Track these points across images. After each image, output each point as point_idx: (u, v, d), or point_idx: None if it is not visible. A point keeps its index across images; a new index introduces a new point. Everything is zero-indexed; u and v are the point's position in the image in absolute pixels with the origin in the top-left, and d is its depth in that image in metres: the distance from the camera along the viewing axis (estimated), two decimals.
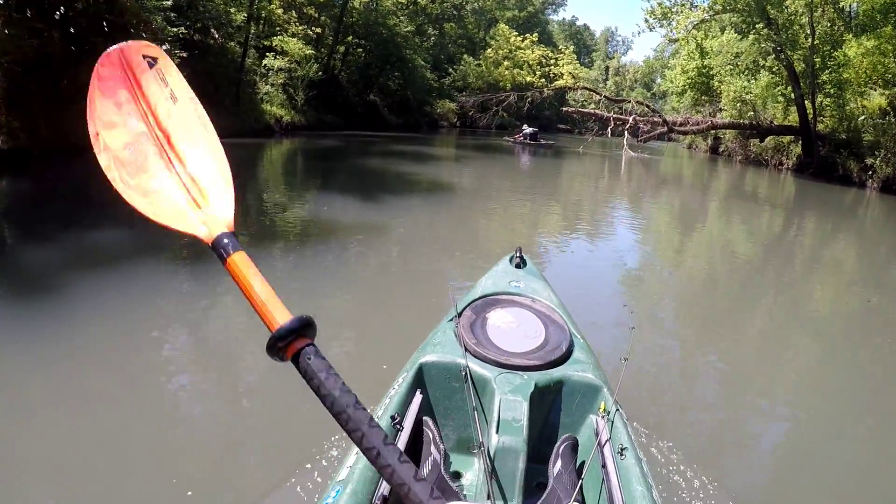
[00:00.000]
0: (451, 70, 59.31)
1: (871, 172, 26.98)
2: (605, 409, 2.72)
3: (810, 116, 31.32)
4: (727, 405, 5.05)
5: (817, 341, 6.89)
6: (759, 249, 12.42)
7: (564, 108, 45.60)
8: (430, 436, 2.54)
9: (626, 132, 35.09)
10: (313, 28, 34.99)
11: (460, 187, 17.14)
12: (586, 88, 46.45)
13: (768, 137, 35.52)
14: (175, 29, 21.38)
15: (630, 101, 39.44)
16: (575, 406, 2.85)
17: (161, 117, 1.48)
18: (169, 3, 21.58)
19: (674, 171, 32.62)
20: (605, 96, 41.05)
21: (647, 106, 38.51)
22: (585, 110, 41.88)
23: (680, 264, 10.54)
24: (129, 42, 1.57)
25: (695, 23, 31.47)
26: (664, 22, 32.83)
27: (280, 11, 34.01)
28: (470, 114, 48.72)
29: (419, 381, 2.86)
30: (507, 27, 67.92)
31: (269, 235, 9.26)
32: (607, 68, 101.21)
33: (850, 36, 30.35)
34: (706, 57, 45.82)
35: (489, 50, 64.46)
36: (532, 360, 2.89)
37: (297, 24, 34.82)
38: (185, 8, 23.95)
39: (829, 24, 30.76)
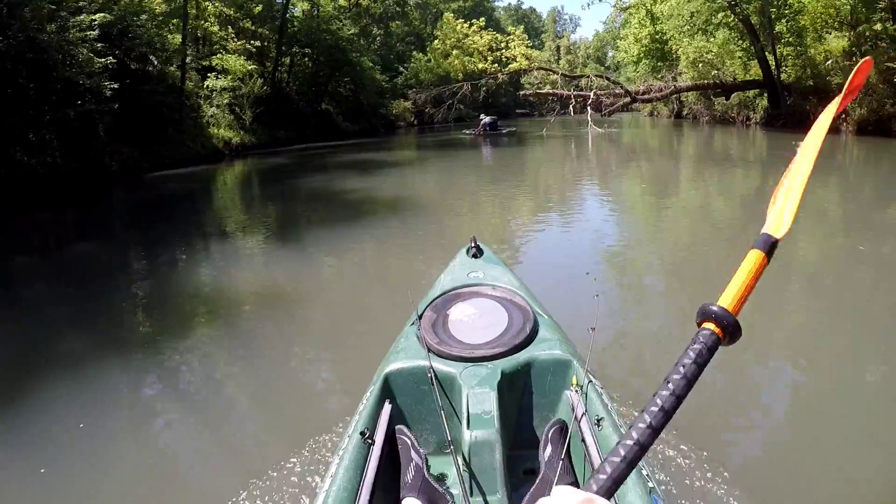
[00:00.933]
0: (402, 69, 57.48)
1: (844, 116, 26.01)
2: (577, 384, 2.71)
3: (773, 68, 30.72)
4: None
5: (804, 289, 6.72)
6: (735, 208, 11.99)
7: (522, 92, 43.63)
8: (408, 443, 2.55)
9: (588, 108, 33.89)
10: (252, 42, 33.33)
11: (419, 195, 15.90)
12: (542, 69, 44.20)
13: (733, 94, 34.74)
14: (103, 60, 20.07)
15: (588, 76, 38.05)
16: (548, 385, 2.82)
17: None
18: (95, 32, 20.36)
19: (641, 142, 31.55)
20: (562, 74, 39.22)
21: (607, 78, 37.12)
22: (544, 91, 40.41)
23: (650, 231, 10.28)
24: None
25: None
26: None
27: (216, 28, 32.60)
28: (426, 111, 47.16)
29: (387, 392, 2.82)
30: (451, 16, 65.48)
31: (226, 276, 8.45)
32: (558, 48, 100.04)
33: None
34: (657, 22, 45.11)
35: (436, 41, 62.02)
36: (496, 349, 2.84)
37: (236, 39, 33.28)
38: (116, 35, 22.63)
39: None
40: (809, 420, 4.06)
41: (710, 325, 0.87)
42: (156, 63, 28.13)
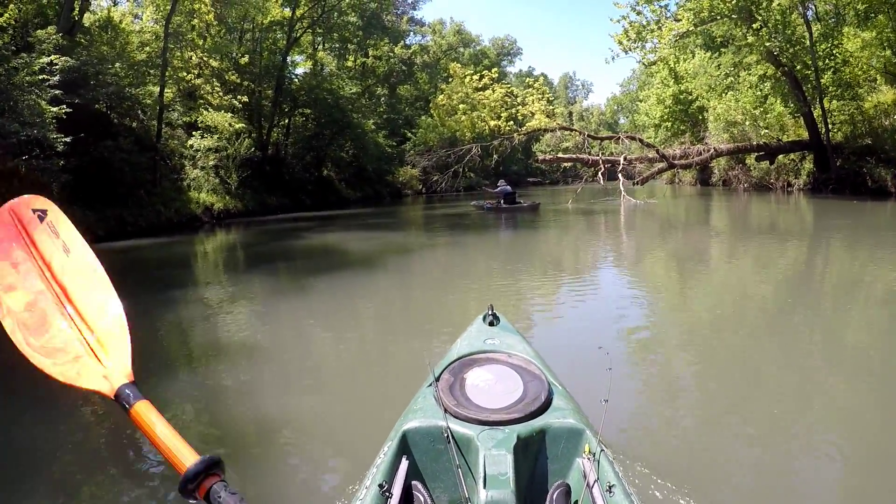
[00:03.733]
0: (410, 134, 53.49)
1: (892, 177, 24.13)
2: (589, 451, 2.79)
3: (820, 126, 27.65)
4: (716, 436, 4.68)
5: (838, 368, 5.98)
6: (773, 288, 10.18)
7: (542, 157, 37.50)
8: (421, 499, 2.62)
9: (620, 175, 29.60)
10: (239, 97, 30.08)
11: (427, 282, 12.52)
12: (565, 128, 37.89)
13: (763, 157, 31.36)
14: (56, 109, 17.17)
15: (620, 136, 33.38)
16: (560, 452, 2.89)
17: (57, 272, 1.62)
18: (55, 78, 17.95)
19: (676, 214, 27.22)
20: (588, 135, 33.91)
21: (640, 140, 32.75)
22: (568, 156, 36.12)
23: (676, 310, 9.05)
24: (17, 199, 1.80)
25: (679, 34, 27.34)
26: (638, 44, 29.05)
27: (200, 81, 29.58)
28: (434, 179, 42.36)
29: (404, 448, 2.89)
30: (458, 65, 58.31)
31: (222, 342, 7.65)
32: (570, 114, 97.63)
33: (849, 28, 26.89)
34: (681, 82, 42.45)
35: (440, 96, 54.31)
36: (513, 414, 2.93)
37: (222, 94, 30.07)
38: (82, 83, 19.73)
39: (819, 20, 27.20)
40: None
41: None
42: (141, 117, 25.54)
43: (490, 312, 4.24)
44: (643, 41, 28.96)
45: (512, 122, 51.48)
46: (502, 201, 27.21)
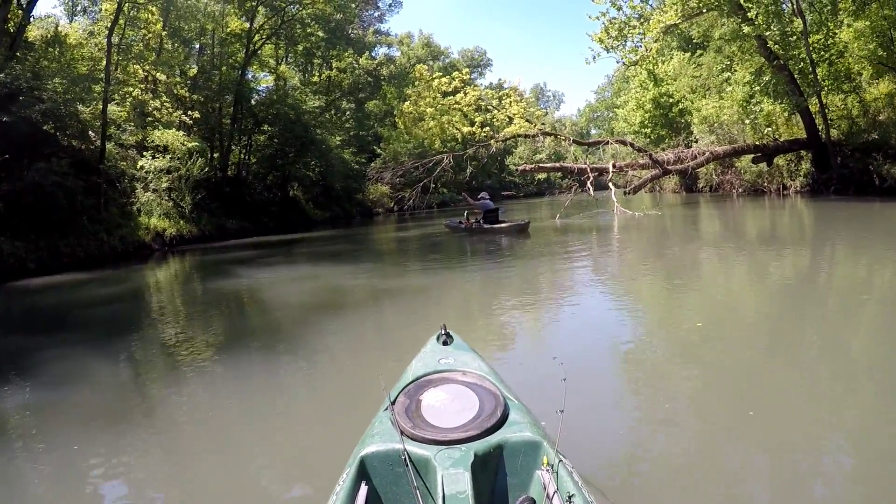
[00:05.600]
0: (379, 150, 51.21)
1: None
2: (548, 463, 2.77)
3: (819, 123, 26.01)
4: (675, 443, 4.55)
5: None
6: (767, 300, 9.25)
7: (522, 167, 35.20)
8: None
9: (610, 185, 27.20)
10: (190, 113, 27.71)
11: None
12: (548, 133, 34.27)
13: (759, 158, 29.47)
14: None
15: (609, 140, 31.12)
16: (519, 466, 2.87)
17: None
18: None
19: (677, 227, 22.56)
20: (574, 141, 31.59)
21: (631, 144, 30.44)
22: (553, 165, 33.43)
23: (660, 326, 8.21)
24: None
25: (666, 27, 25.52)
26: (619, 42, 27.16)
27: (148, 97, 27.22)
28: (406, 194, 39.08)
29: (363, 474, 2.84)
30: (425, 67, 53.84)
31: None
32: (543, 125, 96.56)
33: (844, 17, 25.27)
34: (661, 84, 40.79)
35: (405, 103, 49.99)
36: (469, 432, 2.89)
37: (171, 111, 27.70)
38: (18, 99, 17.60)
39: (800, 15, 25.45)
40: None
41: None
42: (92, 136, 23.23)
43: (443, 332, 4.21)
44: (624, 38, 27.11)
45: (487, 128, 47.98)
46: (482, 220, 22.72)
